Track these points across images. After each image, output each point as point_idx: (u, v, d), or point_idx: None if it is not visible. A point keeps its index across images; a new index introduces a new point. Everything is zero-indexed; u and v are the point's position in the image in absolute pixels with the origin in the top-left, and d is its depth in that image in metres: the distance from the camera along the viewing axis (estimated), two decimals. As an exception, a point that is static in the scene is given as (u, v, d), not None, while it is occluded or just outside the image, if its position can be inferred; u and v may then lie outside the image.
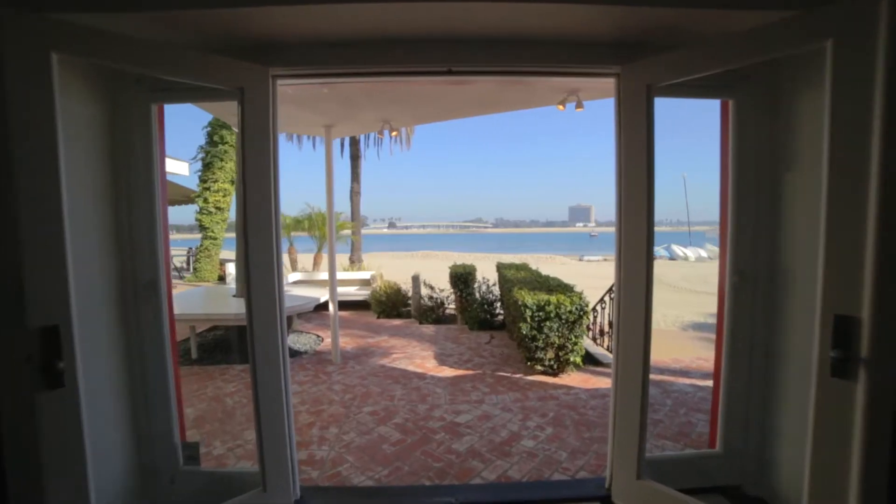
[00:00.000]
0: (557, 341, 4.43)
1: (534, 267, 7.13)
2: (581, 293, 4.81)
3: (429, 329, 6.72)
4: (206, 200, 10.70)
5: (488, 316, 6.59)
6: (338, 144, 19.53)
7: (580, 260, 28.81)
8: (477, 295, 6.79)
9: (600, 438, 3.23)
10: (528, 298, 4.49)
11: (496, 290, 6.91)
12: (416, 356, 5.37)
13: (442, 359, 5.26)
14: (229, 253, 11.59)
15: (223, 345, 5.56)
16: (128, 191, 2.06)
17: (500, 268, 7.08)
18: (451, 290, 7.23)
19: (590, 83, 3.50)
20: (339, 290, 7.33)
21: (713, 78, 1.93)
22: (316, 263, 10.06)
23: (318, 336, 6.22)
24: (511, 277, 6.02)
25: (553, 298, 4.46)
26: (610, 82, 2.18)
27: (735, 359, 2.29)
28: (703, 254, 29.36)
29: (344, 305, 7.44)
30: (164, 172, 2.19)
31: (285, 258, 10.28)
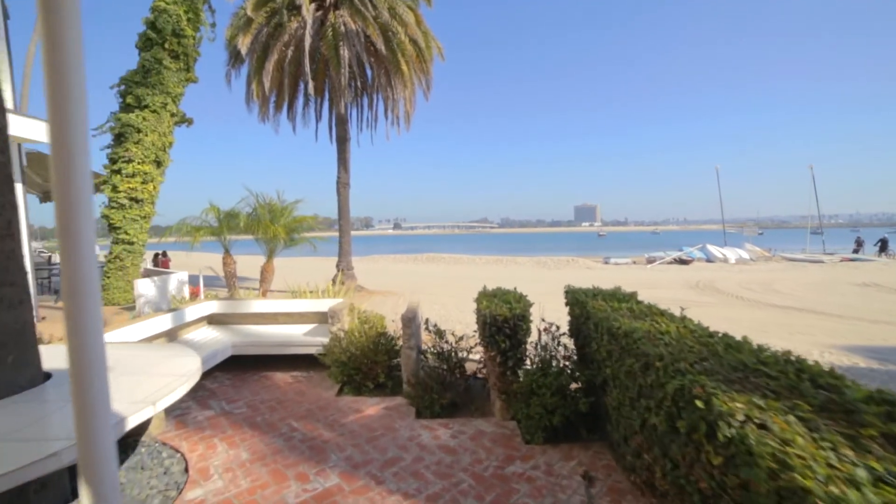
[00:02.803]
0: None
1: (555, 271, 3.74)
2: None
3: (438, 434, 3.38)
4: (115, 189, 7.26)
5: (569, 411, 3.17)
6: (325, 128, 16.33)
7: (606, 263, 25.34)
8: (535, 355, 3.42)
9: None
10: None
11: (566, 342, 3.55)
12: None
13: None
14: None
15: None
16: None
17: (578, 298, 3.62)
18: (484, 348, 3.77)
19: None
20: (277, 332, 4.20)
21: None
22: (264, 278, 6.75)
23: (181, 457, 2.93)
24: (625, 327, 2.64)
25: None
26: None
27: None
28: (745, 255, 25.79)
29: (287, 362, 4.27)
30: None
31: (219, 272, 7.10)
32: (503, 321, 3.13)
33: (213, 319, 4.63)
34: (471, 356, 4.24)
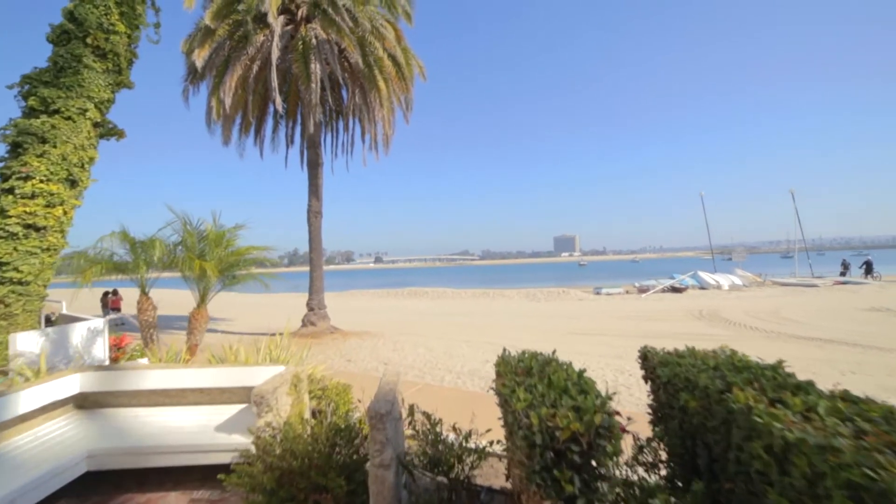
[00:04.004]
0: None
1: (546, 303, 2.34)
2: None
3: None
4: (2, 213, 5.27)
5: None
6: (296, 153, 15.02)
7: (597, 293, 24.21)
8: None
9: None
10: None
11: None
12: None
13: None
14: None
15: None
16: None
17: (695, 381, 1.94)
18: (525, 479, 2.08)
19: None
20: (178, 424, 2.51)
21: None
22: (193, 329, 5.03)
23: None
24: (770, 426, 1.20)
25: None
26: None
27: None
28: (737, 281, 25.19)
29: (192, 474, 2.53)
30: None
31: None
32: (569, 440, 1.59)
33: (84, 401, 2.98)
34: (484, 440, 2.69)
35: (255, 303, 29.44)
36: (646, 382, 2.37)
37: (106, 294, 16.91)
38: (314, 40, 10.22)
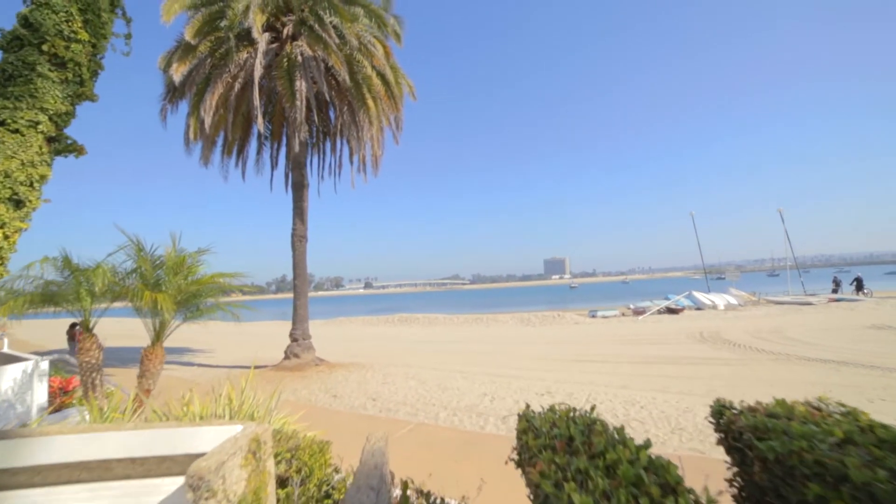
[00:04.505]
0: None
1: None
2: None
3: None
4: None
5: None
6: (281, 175, 14.45)
7: (593, 317, 23.62)
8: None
9: None
10: None
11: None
12: None
13: None
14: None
15: None
16: None
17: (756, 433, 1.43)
18: None
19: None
20: None
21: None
22: (145, 371, 4.22)
23: None
24: None
25: None
26: None
27: None
28: (732, 300, 24.90)
29: None
30: None
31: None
32: None
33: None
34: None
35: (239, 332, 28.14)
36: (728, 452, 1.74)
37: (73, 326, 15.73)
38: (300, 57, 9.86)
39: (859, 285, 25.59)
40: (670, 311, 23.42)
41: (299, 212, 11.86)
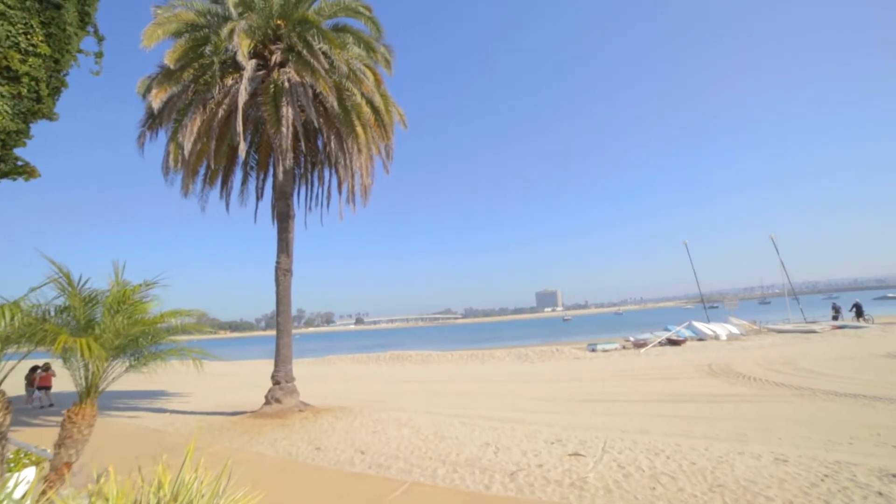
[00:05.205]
0: None
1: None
2: None
3: None
4: None
5: None
6: (267, 206, 13.85)
7: (592, 351, 22.67)
8: None
9: None
10: None
11: None
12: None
13: None
14: None
15: None
16: None
17: None
18: None
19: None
20: None
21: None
22: (66, 440, 3.30)
23: None
24: None
25: None
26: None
27: None
28: (734, 330, 24.30)
29: None
30: None
31: None
32: None
33: None
34: None
35: (223, 372, 26.57)
36: None
37: (34, 369, 14.39)
38: (286, 83, 9.53)
39: (859, 312, 25.26)
40: (672, 342, 22.66)
41: (284, 244, 11.17)
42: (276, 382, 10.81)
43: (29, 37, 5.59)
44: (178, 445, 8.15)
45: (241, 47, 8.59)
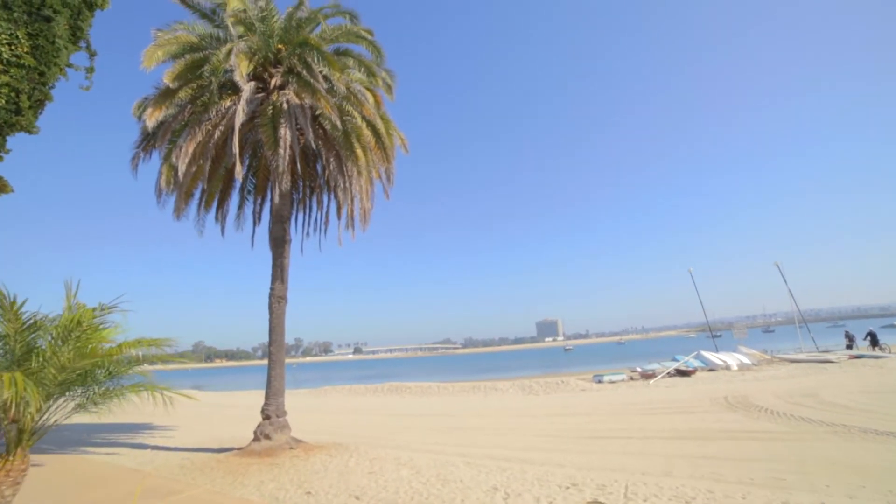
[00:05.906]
0: None
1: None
2: None
3: None
4: None
5: None
6: (264, 231, 13.48)
7: (599, 382, 21.76)
8: None
9: None
10: None
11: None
12: None
13: None
14: None
15: None
16: None
17: None
18: None
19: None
20: None
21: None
22: None
23: None
24: None
25: None
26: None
27: None
28: (745, 360, 23.44)
29: None
30: None
31: None
32: None
33: None
34: None
35: (215, 403, 25.47)
36: None
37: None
38: (285, 105, 9.36)
39: (874, 340, 24.45)
40: (681, 373, 21.78)
41: (279, 270, 10.71)
42: (266, 417, 10.06)
43: (12, 47, 5.38)
44: (156, 487, 7.42)
45: (240, 68, 8.46)
